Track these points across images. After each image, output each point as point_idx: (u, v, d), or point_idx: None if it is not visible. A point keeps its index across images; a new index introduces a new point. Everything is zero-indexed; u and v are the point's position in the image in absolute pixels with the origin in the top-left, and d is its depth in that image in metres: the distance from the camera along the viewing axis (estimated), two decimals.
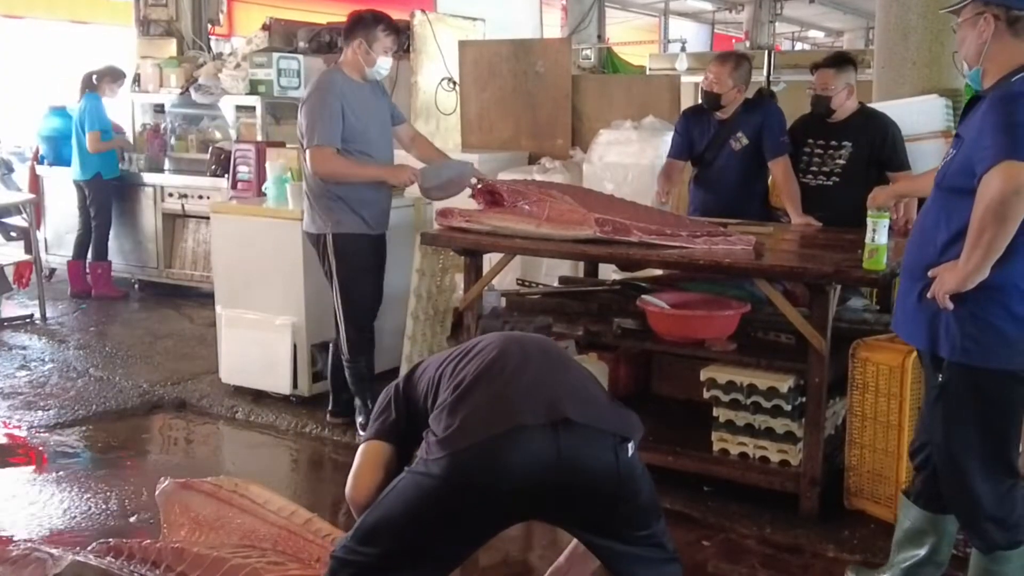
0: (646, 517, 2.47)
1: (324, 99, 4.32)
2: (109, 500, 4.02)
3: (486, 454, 2.24)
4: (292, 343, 5.04)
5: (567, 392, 2.39)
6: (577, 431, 2.29)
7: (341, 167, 4.35)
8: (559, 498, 2.32)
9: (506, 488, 2.26)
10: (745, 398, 3.83)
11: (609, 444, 2.32)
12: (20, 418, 5.03)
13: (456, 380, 2.42)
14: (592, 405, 2.40)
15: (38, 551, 3.03)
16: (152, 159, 7.91)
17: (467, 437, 2.26)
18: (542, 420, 2.26)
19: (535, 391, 2.35)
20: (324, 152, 4.30)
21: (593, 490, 2.33)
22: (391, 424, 2.66)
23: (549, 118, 6.70)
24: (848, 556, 3.49)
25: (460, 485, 2.25)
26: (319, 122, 4.28)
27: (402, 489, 2.33)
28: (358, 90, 4.42)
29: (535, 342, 2.62)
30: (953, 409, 2.75)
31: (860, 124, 4.62)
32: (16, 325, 6.86)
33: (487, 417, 2.28)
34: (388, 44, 4.42)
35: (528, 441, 2.25)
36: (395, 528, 2.32)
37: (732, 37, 19.23)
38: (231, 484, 3.25)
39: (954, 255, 2.63)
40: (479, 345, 2.54)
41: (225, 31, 11.72)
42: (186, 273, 7.77)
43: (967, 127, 2.69)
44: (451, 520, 2.30)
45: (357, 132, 4.37)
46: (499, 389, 2.35)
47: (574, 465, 2.27)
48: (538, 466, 2.24)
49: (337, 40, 7.43)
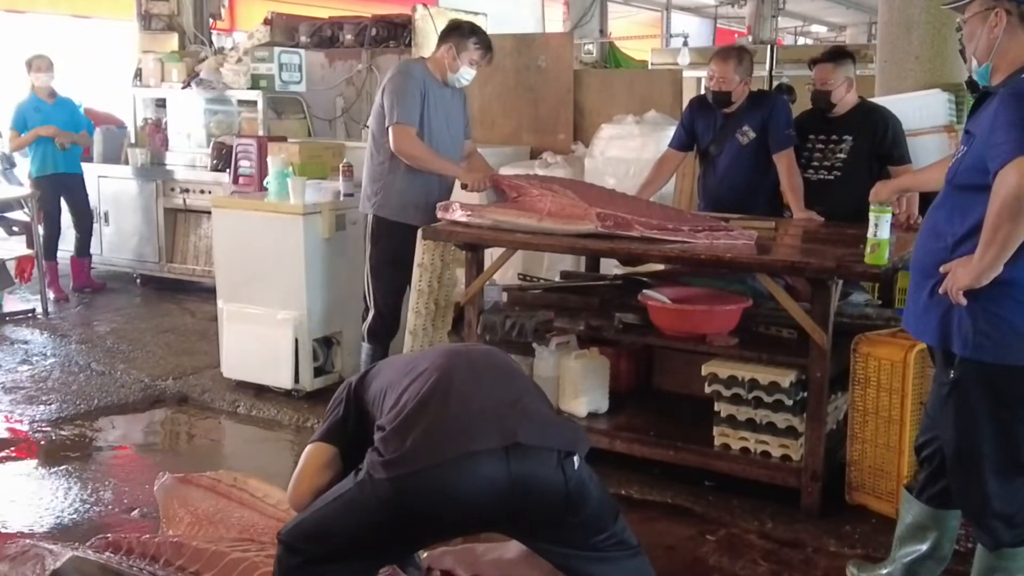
0: (599, 522, 2.46)
1: (407, 82, 4.47)
2: (110, 494, 4.02)
3: (434, 480, 2.22)
4: (294, 338, 5.04)
5: (518, 412, 2.36)
6: (527, 453, 2.27)
7: (420, 149, 4.46)
8: (508, 518, 2.34)
9: (453, 513, 2.27)
10: (747, 393, 3.82)
11: (556, 462, 2.31)
12: (22, 412, 5.03)
13: (403, 399, 2.39)
14: (539, 423, 2.38)
15: (37, 547, 3.02)
16: (154, 154, 7.91)
17: (415, 462, 2.23)
18: (493, 444, 2.24)
19: (486, 413, 2.33)
20: (407, 130, 4.43)
21: (542, 508, 2.33)
22: (339, 424, 2.66)
23: (551, 113, 6.70)
24: (849, 551, 3.48)
25: (405, 509, 2.25)
26: (401, 101, 4.42)
27: (347, 502, 2.33)
28: (437, 88, 4.56)
29: (483, 356, 2.59)
30: (965, 405, 2.73)
31: (860, 118, 4.60)
32: (18, 320, 6.86)
33: (437, 440, 2.26)
34: (475, 57, 4.55)
35: (478, 467, 2.23)
36: (336, 536, 2.35)
37: (735, 32, 19.20)
38: (230, 478, 3.25)
39: (966, 251, 2.61)
40: (426, 361, 2.51)
41: (227, 25, 11.68)
42: (188, 268, 7.77)
43: (977, 123, 2.67)
44: (395, 535, 2.32)
45: (428, 125, 4.49)
46: (449, 411, 2.32)
47: (524, 487, 2.27)
48: (488, 491, 2.24)
49: (339, 35, 7.45)
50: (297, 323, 5.04)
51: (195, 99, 7.76)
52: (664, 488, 3.98)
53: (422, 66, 4.63)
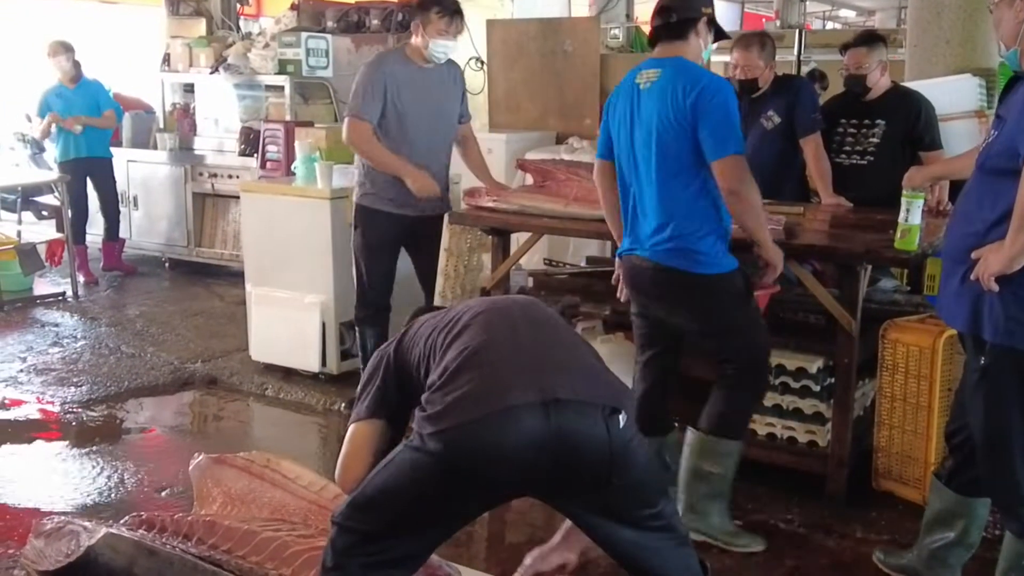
0: (645, 492, 2.42)
1: (368, 74, 4.36)
2: (141, 474, 4.09)
3: (477, 435, 2.22)
4: (321, 321, 5.08)
5: (556, 365, 2.34)
6: (568, 407, 2.25)
7: (369, 145, 4.36)
8: (553, 474, 2.30)
9: (499, 466, 2.24)
10: (774, 378, 3.81)
11: (599, 416, 2.27)
12: (53, 394, 5.10)
13: (447, 357, 2.38)
14: (582, 377, 2.35)
15: (72, 524, 3.07)
16: (182, 138, 7.96)
17: (458, 415, 2.23)
18: (532, 399, 2.23)
19: (525, 368, 2.31)
20: (357, 125, 4.33)
21: (586, 465, 2.29)
22: (381, 397, 2.64)
23: (577, 97, 6.67)
24: (876, 537, 3.48)
25: (454, 463, 2.23)
26: (357, 94, 4.35)
27: (399, 463, 2.32)
28: (414, 73, 4.37)
29: (522, 310, 2.55)
30: (995, 392, 2.70)
31: (894, 102, 4.56)
32: (49, 303, 6.95)
33: (477, 396, 2.25)
34: (442, 26, 4.28)
35: (519, 420, 2.21)
36: (393, 502, 2.32)
37: (762, 16, 19.01)
38: (263, 459, 3.28)
39: (998, 237, 2.58)
40: (467, 316, 2.49)
41: (254, 11, 11.74)
42: (216, 252, 7.83)
43: (1008, 108, 2.64)
44: (447, 496, 2.30)
45: (399, 115, 4.33)
46: (488, 368, 2.31)
47: (566, 441, 2.24)
48: (530, 444, 2.22)
49: (365, 19, 7.46)
50: (324, 307, 5.08)
51: (223, 84, 7.81)
52: None
53: (394, 54, 4.50)
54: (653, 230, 3.28)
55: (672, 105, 3.18)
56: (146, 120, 8.37)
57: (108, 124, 7.67)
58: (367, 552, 2.34)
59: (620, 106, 3.38)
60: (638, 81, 3.32)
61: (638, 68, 3.37)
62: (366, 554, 2.34)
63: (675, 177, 3.22)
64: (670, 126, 3.18)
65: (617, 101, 3.41)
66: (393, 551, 2.34)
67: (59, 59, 7.44)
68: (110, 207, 7.73)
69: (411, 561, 2.42)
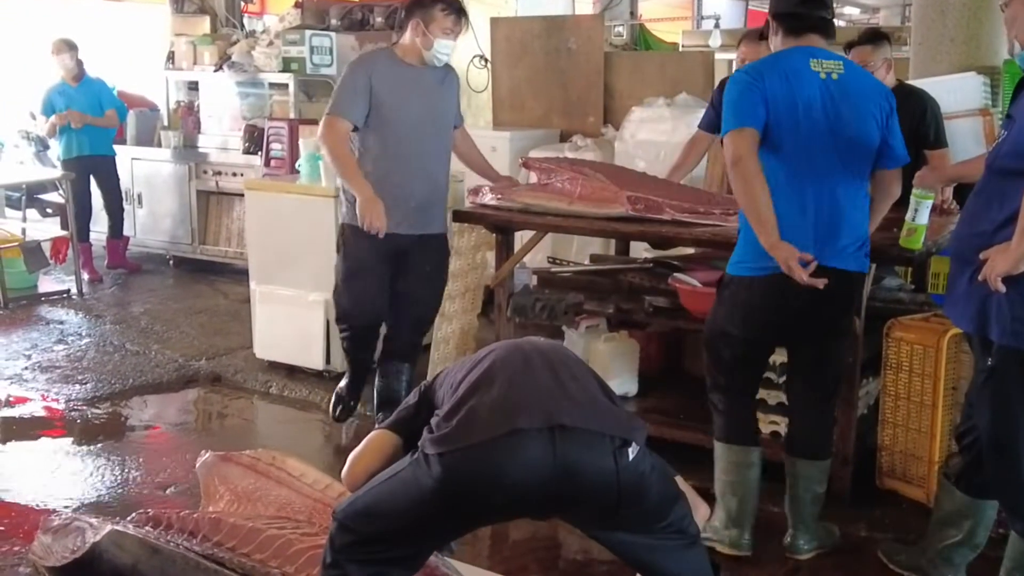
0: (658, 513, 2.41)
1: (353, 72, 4.14)
2: (146, 472, 4.10)
3: (479, 458, 2.22)
4: (325, 319, 5.08)
5: (566, 396, 2.34)
6: (575, 436, 2.24)
7: (338, 150, 4.06)
8: (557, 502, 2.31)
9: (500, 492, 2.25)
10: (777, 377, 3.81)
11: (607, 449, 2.25)
12: (58, 391, 5.11)
13: (460, 387, 2.40)
14: (592, 409, 2.35)
15: (78, 520, 3.09)
16: (187, 136, 7.97)
17: (461, 439, 2.24)
18: (538, 424, 2.22)
19: (533, 396, 2.31)
20: (331, 121, 4.08)
21: (592, 496, 2.28)
22: (408, 417, 2.66)
23: (581, 95, 6.68)
24: (880, 535, 3.48)
25: (454, 488, 2.24)
26: (339, 93, 4.13)
27: (402, 479, 2.34)
28: (406, 73, 4.10)
29: (538, 348, 2.55)
30: (1002, 393, 2.70)
31: (899, 100, 4.50)
32: (53, 300, 6.96)
33: (483, 419, 2.26)
34: (448, 25, 4.02)
35: (523, 447, 2.21)
36: (391, 515, 2.35)
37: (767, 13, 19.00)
38: (269, 457, 3.29)
39: (1005, 237, 2.58)
40: (484, 353, 2.52)
41: (258, 9, 11.76)
42: (220, 250, 7.84)
43: (1018, 107, 2.64)
44: (445, 515, 2.31)
45: (388, 118, 4.07)
46: (497, 393, 2.32)
47: (571, 471, 2.23)
48: (533, 472, 2.22)
49: (369, 17, 7.45)
50: (328, 304, 5.05)
51: (227, 82, 7.82)
52: (693, 472, 3.93)
53: (384, 52, 4.24)
54: (849, 233, 3.14)
55: (877, 105, 3.15)
56: (150, 118, 8.37)
57: (110, 124, 7.67)
58: (365, 551, 2.37)
59: (803, 91, 3.06)
60: (817, 70, 3.08)
61: (807, 54, 3.11)
62: (364, 553, 2.37)
63: (865, 179, 3.21)
64: (875, 127, 3.14)
65: (786, 83, 3.07)
66: (390, 553, 2.38)
67: (63, 57, 7.45)
68: (114, 205, 7.74)
69: (409, 562, 2.44)
